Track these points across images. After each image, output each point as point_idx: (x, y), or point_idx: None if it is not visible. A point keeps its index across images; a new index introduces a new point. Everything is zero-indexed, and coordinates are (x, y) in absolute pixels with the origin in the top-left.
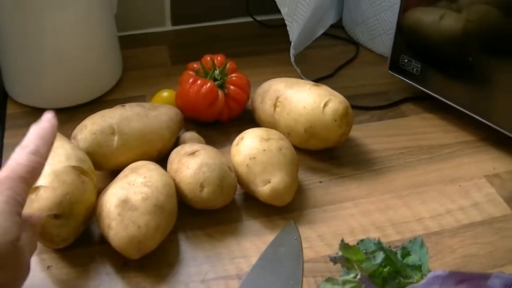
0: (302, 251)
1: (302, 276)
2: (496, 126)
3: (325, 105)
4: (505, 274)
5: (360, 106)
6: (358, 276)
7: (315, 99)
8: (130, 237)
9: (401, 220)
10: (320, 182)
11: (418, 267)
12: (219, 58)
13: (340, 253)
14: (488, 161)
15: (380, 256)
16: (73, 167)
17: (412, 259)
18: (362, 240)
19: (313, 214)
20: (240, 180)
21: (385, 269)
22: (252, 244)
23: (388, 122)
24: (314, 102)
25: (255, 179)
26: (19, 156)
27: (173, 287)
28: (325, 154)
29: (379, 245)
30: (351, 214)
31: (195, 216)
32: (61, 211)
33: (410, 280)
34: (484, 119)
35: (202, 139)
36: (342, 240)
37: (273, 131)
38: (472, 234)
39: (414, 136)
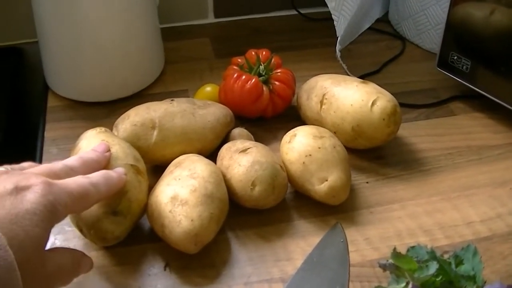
0: (348, 254)
1: (348, 281)
2: None
3: (373, 103)
4: None
5: (407, 104)
6: (410, 286)
7: (362, 97)
8: (186, 232)
9: (450, 223)
10: (367, 182)
11: (472, 278)
12: (264, 52)
13: (390, 261)
14: None
15: (433, 266)
16: (131, 165)
17: (465, 269)
18: (413, 247)
19: (359, 216)
20: (292, 179)
21: (438, 279)
22: (297, 246)
23: (436, 120)
24: (361, 100)
25: (311, 178)
26: (80, 180)
27: None
28: (371, 153)
29: (432, 254)
30: (398, 217)
31: (242, 215)
32: (120, 209)
33: None
34: None
35: (251, 135)
36: (395, 249)
37: (323, 129)
38: None
39: (463, 135)
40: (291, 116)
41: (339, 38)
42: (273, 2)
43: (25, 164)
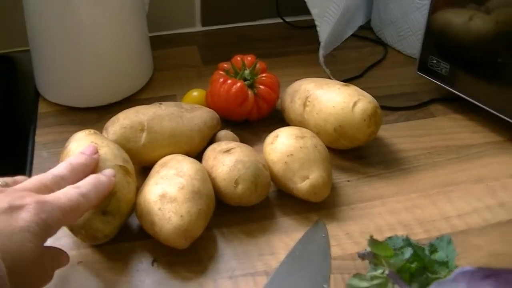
0: (329, 248)
1: (330, 273)
2: None
3: (354, 104)
4: None
5: (388, 106)
6: (386, 272)
7: (344, 99)
8: (176, 228)
9: (428, 218)
10: (349, 181)
11: (445, 263)
12: (249, 58)
13: (368, 249)
14: None
15: (408, 252)
16: (120, 166)
17: (439, 256)
18: (390, 237)
19: (341, 213)
20: (275, 178)
21: (413, 265)
22: (281, 241)
23: (416, 122)
24: (343, 102)
25: (293, 176)
26: (69, 192)
27: (202, 283)
28: (353, 153)
29: (407, 241)
30: (379, 213)
31: (227, 213)
32: (110, 209)
33: (437, 276)
34: None
35: (236, 137)
36: (371, 236)
37: (305, 129)
38: (499, 233)
39: (442, 136)
40: (275, 119)
41: (322, 44)
42: (259, 10)
43: (18, 177)
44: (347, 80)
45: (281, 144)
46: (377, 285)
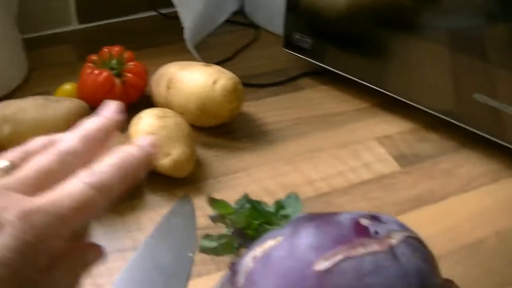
0: (195, 219)
1: (196, 242)
2: (388, 92)
3: (214, 82)
4: (355, 211)
5: (257, 84)
6: (231, 230)
7: (205, 78)
8: None
9: (292, 184)
10: (216, 156)
11: (287, 216)
12: (116, 49)
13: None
14: (380, 125)
15: (246, 206)
16: None
17: (285, 212)
18: (237, 200)
19: (208, 186)
20: None
21: (256, 221)
22: (148, 218)
23: (284, 96)
24: (204, 81)
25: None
26: (75, 187)
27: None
28: (220, 129)
29: (246, 198)
30: (244, 183)
31: None
32: None
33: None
34: (376, 86)
35: None
36: (209, 196)
37: (167, 109)
38: (362, 191)
39: (309, 107)
40: (145, 104)
41: (186, 29)
42: (134, 4)
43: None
44: (219, 63)
45: (143, 124)
46: (225, 244)
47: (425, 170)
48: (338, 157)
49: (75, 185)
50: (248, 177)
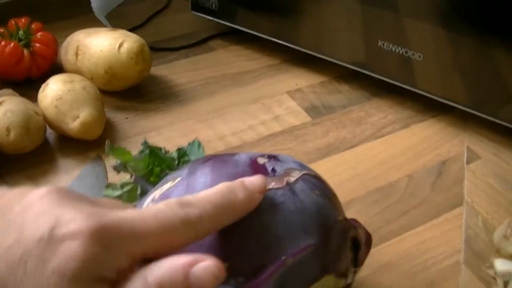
0: (107, 179)
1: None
2: (298, 47)
3: (120, 45)
4: (254, 152)
5: (168, 47)
6: (133, 177)
7: (111, 42)
8: None
9: (204, 140)
10: (126, 118)
11: (188, 161)
12: (23, 20)
13: (118, 161)
14: (291, 79)
15: (145, 151)
16: None
17: (188, 158)
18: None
19: (120, 146)
20: (50, 123)
21: (157, 167)
22: (61, 181)
23: (195, 58)
24: (110, 45)
25: (65, 118)
26: (167, 209)
27: None
28: (132, 93)
29: (146, 144)
30: (155, 142)
31: (9, 163)
32: None
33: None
34: (286, 42)
35: (16, 93)
36: (107, 142)
37: (74, 74)
38: (272, 143)
39: (220, 67)
40: (56, 73)
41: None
42: None
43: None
44: (130, 30)
45: (50, 90)
46: (128, 192)
47: (336, 120)
48: (249, 112)
49: (171, 207)
50: (160, 136)
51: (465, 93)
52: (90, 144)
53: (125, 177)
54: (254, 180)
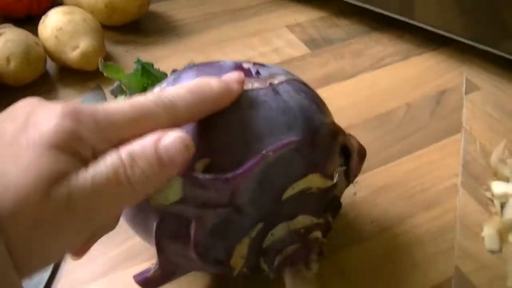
0: None
1: None
2: None
3: None
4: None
5: None
6: (128, 95)
7: None
8: None
9: None
10: (126, 51)
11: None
12: None
13: (116, 84)
14: (290, 14)
15: (138, 66)
16: None
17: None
18: None
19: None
20: (50, 54)
21: (151, 86)
22: None
23: None
24: None
25: (65, 48)
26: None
27: None
28: (131, 27)
29: (138, 62)
30: None
31: (10, 96)
32: None
33: None
34: None
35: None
36: (101, 60)
37: (75, 7)
38: None
39: (219, 2)
40: None
41: None
42: None
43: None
44: None
45: (50, 21)
46: None
47: (335, 52)
48: (248, 44)
49: (148, 97)
50: (159, 68)
51: (465, 26)
52: (90, 75)
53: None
54: (231, 74)
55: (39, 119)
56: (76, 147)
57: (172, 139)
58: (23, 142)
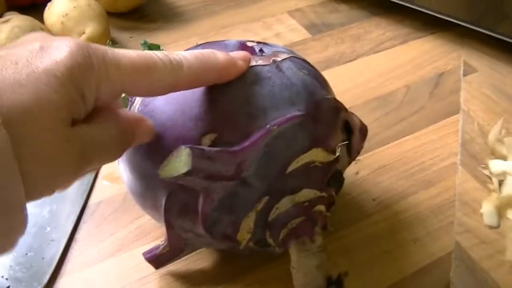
0: None
1: None
2: None
3: None
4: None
5: None
6: None
7: None
8: None
9: None
10: (131, 37)
11: None
12: None
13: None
14: (291, 0)
15: (144, 49)
16: None
17: None
18: None
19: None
20: None
21: None
22: None
23: None
24: None
25: (71, 33)
26: (146, 52)
27: None
28: (135, 14)
29: (145, 44)
30: None
31: None
32: None
33: None
34: None
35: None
36: (108, 41)
37: None
38: None
39: None
40: None
41: None
42: None
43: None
44: None
45: (56, 7)
46: None
47: (335, 36)
48: (250, 29)
49: (150, 53)
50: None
51: (463, 9)
52: None
53: None
54: (238, 52)
55: (53, 46)
56: (83, 83)
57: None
58: (38, 66)
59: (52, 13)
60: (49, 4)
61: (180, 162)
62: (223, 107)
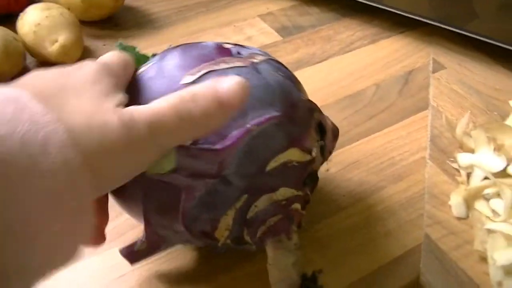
0: None
1: None
2: None
3: None
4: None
5: None
6: None
7: None
8: None
9: None
10: (104, 45)
11: None
12: None
13: None
14: (262, 4)
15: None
16: None
17: None
18: None
19: None
20: (30, 49)
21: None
22: None
23: None
24: None
25: (44, 42)
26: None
27: None
28: (108, 22)
29: (121, 45)
30: None
31: None
32: None
33: None
34: None
35: None
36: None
37: (52, 3)
38: None
39: None
40: None
41: None
42: None
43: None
44: None
45: (28, 17)
46: None
47: (306, 38)
48: (222, 34)
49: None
50: None
51: (431, 8)
52: None
53: None
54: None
55: (78, 72)
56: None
57: (230, 81)
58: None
59: (24, 23)
60: (21, 14)
61: (166, 159)
62: None
